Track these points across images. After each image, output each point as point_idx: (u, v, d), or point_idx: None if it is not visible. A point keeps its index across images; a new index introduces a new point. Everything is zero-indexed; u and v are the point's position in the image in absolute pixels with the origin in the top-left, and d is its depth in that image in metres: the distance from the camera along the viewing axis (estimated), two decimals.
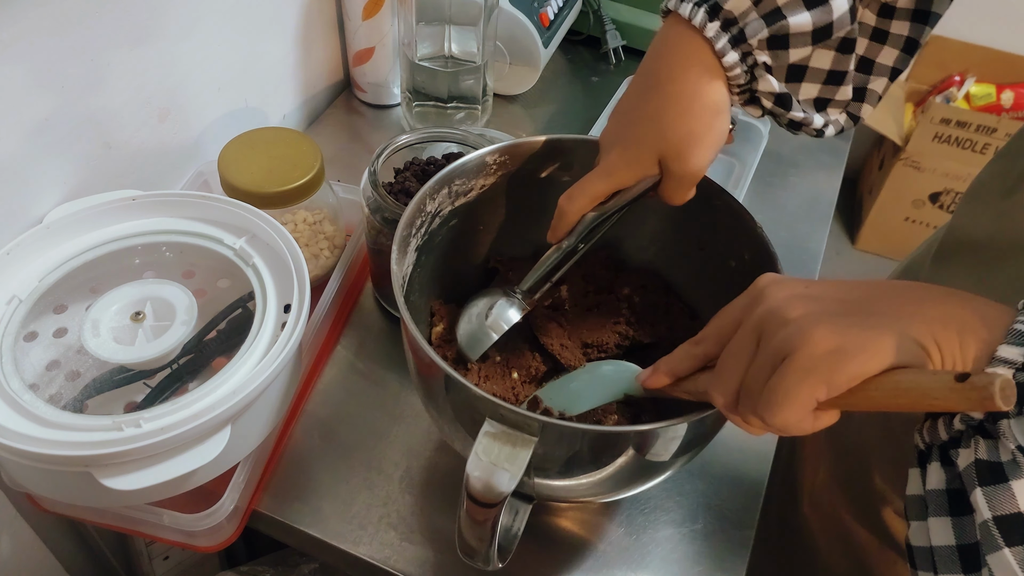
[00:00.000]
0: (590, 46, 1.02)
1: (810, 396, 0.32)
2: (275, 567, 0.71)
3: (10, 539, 0.59)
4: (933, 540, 0.33)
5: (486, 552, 0.42)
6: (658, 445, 0.42)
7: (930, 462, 0.34)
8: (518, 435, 0.38)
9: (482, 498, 0.38)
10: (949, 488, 0.33)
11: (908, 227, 1.91)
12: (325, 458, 0.59)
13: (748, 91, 0.46)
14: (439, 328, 0.56)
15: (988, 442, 0.31)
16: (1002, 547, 0.29)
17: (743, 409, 0.35)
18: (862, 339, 0.31)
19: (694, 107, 0.44)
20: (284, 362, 0.49)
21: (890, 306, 0.33)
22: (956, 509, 0.32)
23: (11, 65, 0.51)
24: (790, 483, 0.68)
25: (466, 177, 0.54)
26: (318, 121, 0.89)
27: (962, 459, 0.32)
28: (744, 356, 0.35)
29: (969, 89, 1.83)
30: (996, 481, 0.30)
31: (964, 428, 0.32)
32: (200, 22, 0.66)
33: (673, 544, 0.55)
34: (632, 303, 0.58)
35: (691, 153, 0.44)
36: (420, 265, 0.53)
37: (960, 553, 0.32)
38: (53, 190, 0.58)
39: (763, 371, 0.34)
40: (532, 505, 0.48)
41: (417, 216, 0.51)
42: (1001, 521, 0.29)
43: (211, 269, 0.60)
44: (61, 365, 0.53)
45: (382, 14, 0.81)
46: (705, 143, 0.44)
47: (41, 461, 0.44)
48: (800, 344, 0.32)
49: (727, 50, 0.43)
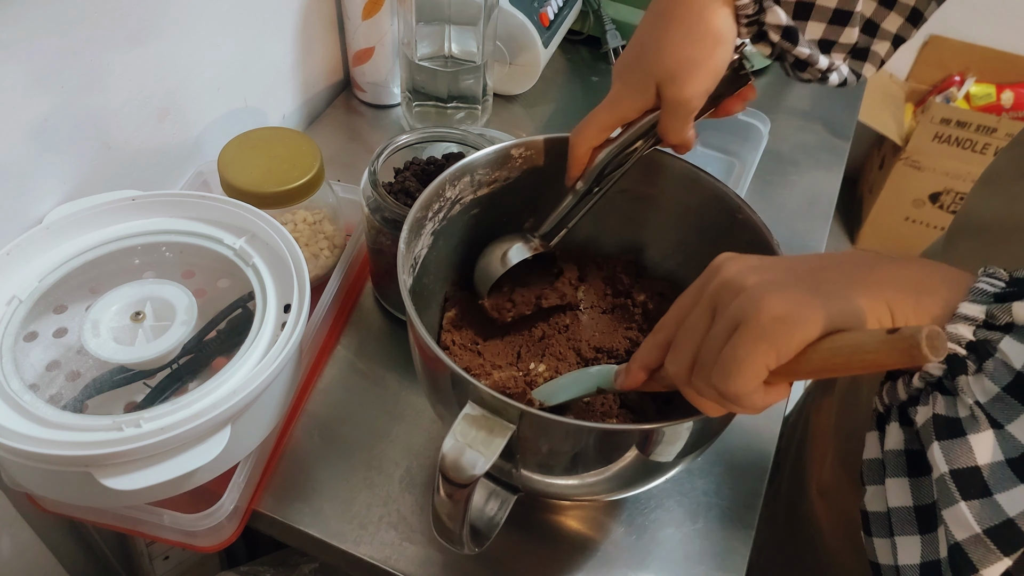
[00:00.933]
0: (590, 46, 1.02)
1: (762, 362, 0.32)
2: (275, 567, 0.71)
3: (10, 539, 0.59)
4: (890, 501, 0.33)
5: (459, 533, 0.42)
6: (661, 445, 0.42)
7: (889, 423, 0.34)
8: (497, 421, 0.39)
9: (454, 478, 0.38)
10: (907, 449, 0.33)
11: (908, 227, 1.91)
12: (325, 458, 0.59)
13: (756, 23, 0.46)
14: (451, 313, 0.56)
15: (947, 398, 0.31)
16: (958, 501, 0.29)
17: (697, 380, 0.36)
18: (809, 306, 0.32)
19: (696, 32, 0.44)
20: (284, 362, 0.49)
21: (841, 274, 0.34)
22: (914, 470, 0.32)
23: (11, 65, 0.51)
24: (800, 473, 0.68)
25: (490, 168, 0.54)
26: (318, 121, 0.89)
27: (920, 416, 0.32)
28: (700, 328, 0.36)
29: (969, 89, 1.83)
30: (953, 436, 0.30)
31: (923, 386, 0.32)
32: (200, 22, 0.66)
33: (674, 543, 0.55)
34: (646, 310, 0.58)
35: (686, 78, 0.44)
36: (436, 249, 0.54)
37: (917, 513, 0.32)
38: (53, 190, 0.58)
39: (718, 340, 0.34)
40: (517, 496, 0.49)
41: (435, 200, 0.51)
42: (957, 475, 0.29)
43: (211, 269, 0.60)
44: (61, 365, 0.53)
45: (382, 14, 0.81)
46: (703, 70, 0.45)
47: (41, 461, 0.44)
48: (752, 312, 0.32)
49: None
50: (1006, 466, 0.28)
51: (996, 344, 0.29)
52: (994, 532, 0.28)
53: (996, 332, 0.29)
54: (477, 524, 0.48)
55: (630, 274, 0.60)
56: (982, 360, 0.29)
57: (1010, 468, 0.28)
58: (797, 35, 0.46)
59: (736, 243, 0.52)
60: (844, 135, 0.93)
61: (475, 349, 0.56)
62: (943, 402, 0.31)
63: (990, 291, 0.30)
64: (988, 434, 0.29)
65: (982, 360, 0.29)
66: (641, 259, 0.60)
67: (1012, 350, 0.28)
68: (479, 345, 0.56)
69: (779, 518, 0.69)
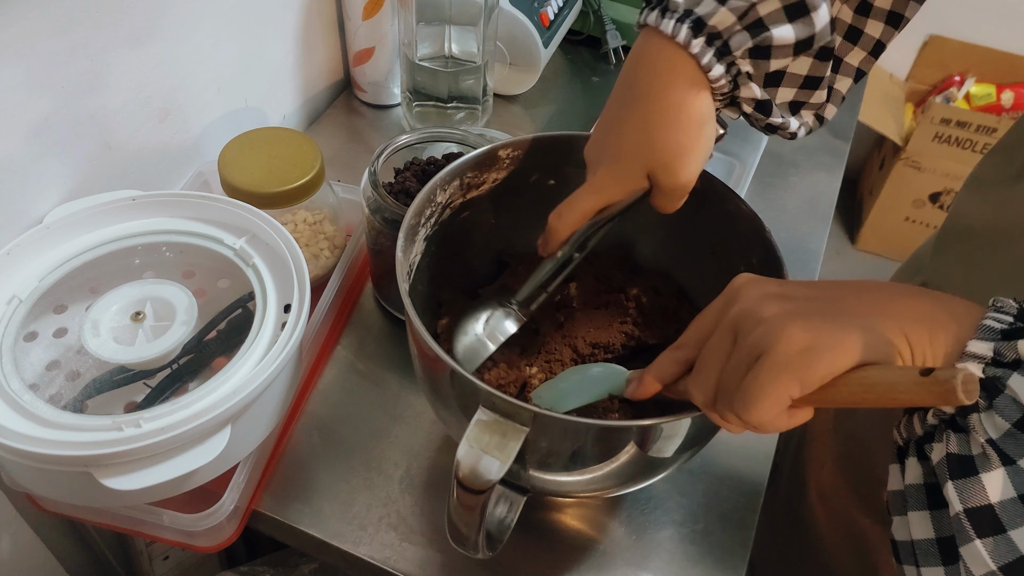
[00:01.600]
0: (590, 46, 1.02)
1: (784, 393, 0.32)
2: (275, 567, 0.71)
3: (10, 539, 0.59)
4: (913, 534, 0.33)
5: (474, 539, 0.42)
6: (661, 441, 0.42)
7: (907, 457, 0.34)
8: (509, 424, 0.39)
9: (470, 484, 0.38)
10: (926, 482, 0.33)
11: (908, 227, 1.91)
12: (325, 458, 0.59)
13: (730, 97, 0.46)
14: (445, 321, 0.56)
15: (959, 436, 0.31)
16: (973, 539, 0.29)
17: (721, 407, 0.36)
18: (833, 337, 0.32)
19: (680, 120, 0.43)
20: (284, 362, 0.49)
21: (861, 304, 0.34)
22: (934, 503, 0.33)
23: (11, 65, 0.51)
24: (799, 475, 0.68)
25: (478, 170, 0.54)
26: (318, 121, 0.89)
27: (935, 453, 0.32)
28: (721, 355, 0.36)
29: (969, 89, 1.83)
30: (966, 474, 0.30)
31: (937, 423, 0.32)
32: (200, 22, 0.66)
33: (674, 544, 0.55)
34: (640, 304, 0.58)
35: (681, 166, 0.44)
36: (429, 255, 0.54)
37: (939, 546, 0.32)
38: (53, 190, 0.58)
39: (739, 369, 0.34)
40: (527, 498, 0.48)
41: (427, 206, 0.51)
42: (972, 513, 0.30)
43: (211, 269, 0.60)
44: (61, 365, 0.53)
45: (382, 14, 0.81)
46: (693, 154, 0.44)
47: (41, 461, 0.44)
48: (774, 342, 0.33)
49: (713, 64, 0.42)
50: (1018, 502, 0.29)
51: (1005, 381, 0.29)
52: (1009, 568, 0.29)
53: (1005, 369, 0.30)
54: (489, 528, 0.48)
55: (622, 270, 0.60)
56: (992, 397, 0.30)
57: (1022, 504, 0.28)
58: (770, 107, 0.46)
59: (727, 234, 0.53)
60: (844, 136, 0.93)
61: None
62: (955, 440, 0.31)
63: (997, 328, 0.30)
64: (1000, 472, 0.29)
65: (992, 397, 0.30)
66: (632, 255, 0.60)
67: (1021, 387, 0.29)
68: None
69: (778, 520, 0.69)
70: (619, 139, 0.45)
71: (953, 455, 0.31)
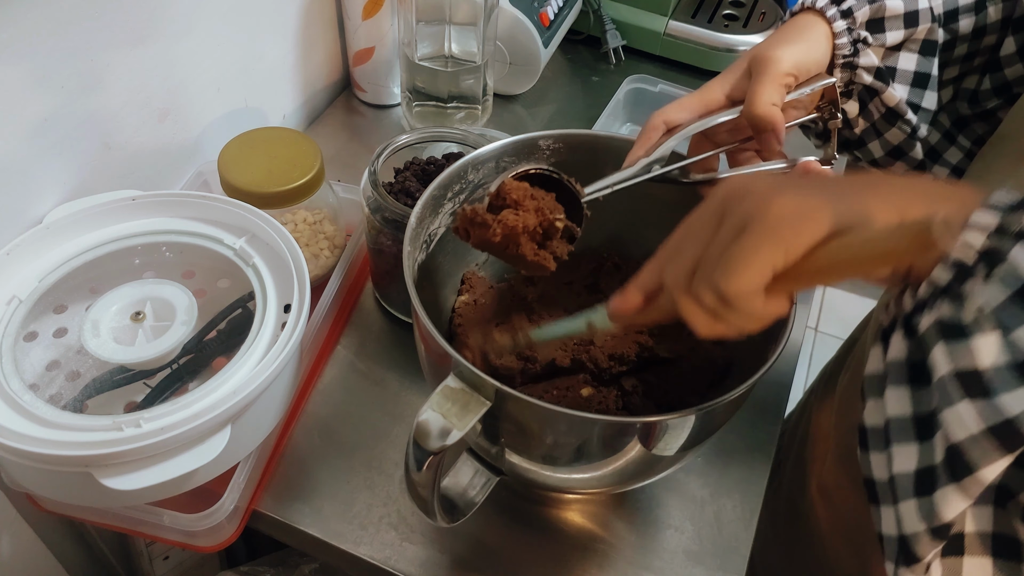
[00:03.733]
0: (590, 46, 1.02)
1: (768, 260, 0.32)
2: (275, 567, 0.71)
3: (10, 539, 0.59)
4: (889, 411, 0.33)
5: (430, 503, 0.43)
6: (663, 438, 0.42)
7: (893, 333, 0.34)
8: (473, 396, 0.40)
9: (424, 445, 0.39)
10: (910, 359, 0.33)
11: None
12: (325, 458, 0.59)
13: (850, 67, 0.51)
14: (464, 297, 0.56)
15: (953, 304, 0.30)
16: (959, 400, 0.29)
17: (698, 282, 0.35)
18: (822, 203, 0.32)
19: (792, 32, 0.50)
20: (284, 362, 0.49)
21: (855, 183, 0.34)
22: (915, 378, 0.32)
23: (11, 65, 0.51)
24: (800, 471, 0.68)
25: (516, 156, 0.54)
26: (318, 121, 0.89)
27: (925, 321, 0.31)
28: (704, 232, 0.35)
29: None
30: (957, 338, 0.29)
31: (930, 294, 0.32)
32: (200, 22, 0.66)
33: (675, 542, 0.55)
34: None
35: (778, 41, 0.48)
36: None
37: (915, 422, 0.32)
38: (53, 190, 0.58)
39: (723, 241, 0.34)
40: (499, 478, 0.50)
41: (456, 181, 0.51)
42: (960, 375, 0.29)
43: (211, 269, 0.60)
44: (61, 365, 0.53)
45: (382, 14, 0.81)
46: (797, 42, 0.48)
47: (41, 461, 0.44)
48: (763, 210, 0.32)
49: (836, 17, 0.50)
50: (1009, 369, 0.28)
51: (1007, 252, 0.29)
52: (996, 430, 0.28)
53: (1008, 240, 0.29)
54: (455, 499, 0.49)
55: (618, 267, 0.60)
56: (992, 267, 0.29)
57: (1014, 371, 0.28)
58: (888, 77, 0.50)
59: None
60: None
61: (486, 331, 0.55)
62: (949, 307, 0.30)
63: (1006, 201, 0.30)
64: (993, 338, 0.28)
65: (992, 267, 0.29)
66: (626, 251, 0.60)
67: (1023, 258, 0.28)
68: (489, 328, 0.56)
69: (780, 517, 0.69)
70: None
71: (945, 321, 0.30)
